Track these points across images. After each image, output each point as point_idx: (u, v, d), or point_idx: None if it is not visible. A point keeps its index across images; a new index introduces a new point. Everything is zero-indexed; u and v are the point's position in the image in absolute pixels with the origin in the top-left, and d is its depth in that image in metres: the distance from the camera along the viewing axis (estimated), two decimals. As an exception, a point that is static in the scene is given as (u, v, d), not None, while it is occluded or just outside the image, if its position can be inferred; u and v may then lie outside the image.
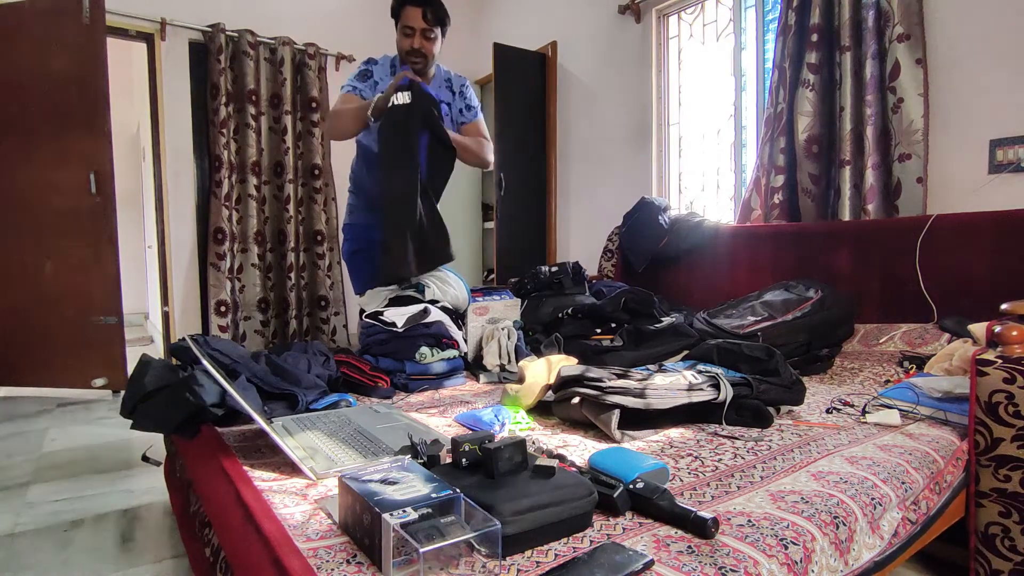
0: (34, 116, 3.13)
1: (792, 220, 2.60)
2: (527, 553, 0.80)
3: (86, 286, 3.17)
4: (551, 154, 4.18)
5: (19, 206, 3.17)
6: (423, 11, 2.09)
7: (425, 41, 2.11)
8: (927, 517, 1.13)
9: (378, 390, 1.70)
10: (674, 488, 1.00)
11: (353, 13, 4.25)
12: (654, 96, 3.46)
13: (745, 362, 1.54)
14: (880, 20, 2.28)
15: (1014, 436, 1.22)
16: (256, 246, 3.92)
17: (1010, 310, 1.36)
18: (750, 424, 1.34)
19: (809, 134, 2.50)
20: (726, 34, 3.17)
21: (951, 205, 2.14)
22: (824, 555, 0.87)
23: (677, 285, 2.91)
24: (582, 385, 1.34)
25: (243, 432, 1.33)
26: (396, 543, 0.73)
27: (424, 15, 2.09)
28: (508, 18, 4.56)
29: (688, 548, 0.80)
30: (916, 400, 1.43)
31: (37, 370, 3.23)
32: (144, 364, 1.39)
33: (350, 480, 0.84)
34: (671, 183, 3.49)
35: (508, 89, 4.00)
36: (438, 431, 1.34)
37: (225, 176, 3.78)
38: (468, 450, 0.93)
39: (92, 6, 3.06)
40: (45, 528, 1.68)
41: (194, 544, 1.20)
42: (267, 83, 3.94)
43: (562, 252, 4.16)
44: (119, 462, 2.20)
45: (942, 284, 2.01)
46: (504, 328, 1.99)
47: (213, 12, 3.78)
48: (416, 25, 2.09)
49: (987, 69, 2.09)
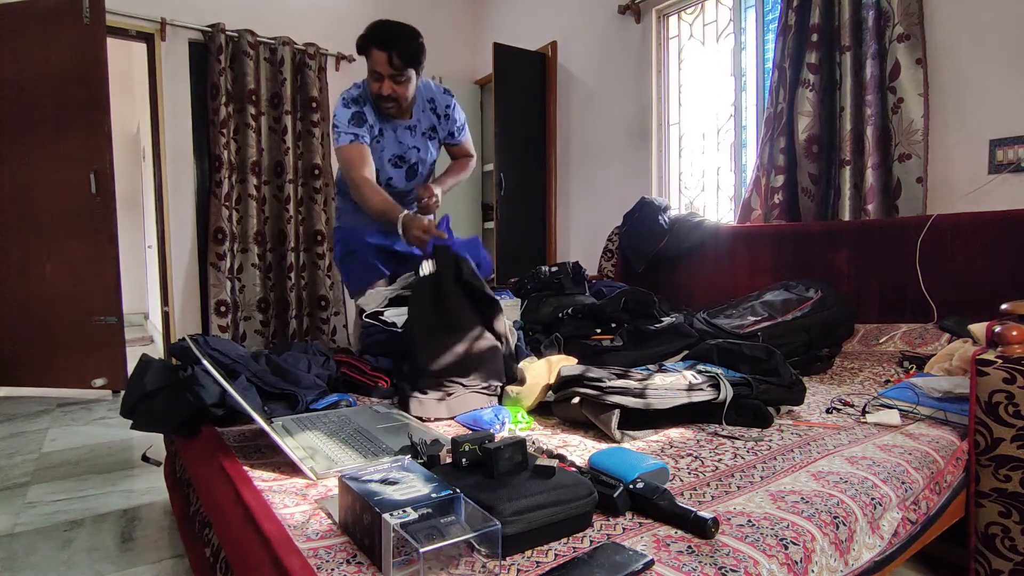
0: (34, 116, 3.13)
1: (792, 220, 2.60)
2: (527, 553, 0.80)
3: (86, 286, 3.17)
4: (551, 154, 4.18)
5: (19, 206, 3.17)
6: (388, 56, 1.86)
7: (396, 85, 1.92)
8: (927, 517, 1.13)
9: (378, 390, 1.69)
10: (674, 488, 1.00)
11: (353, 13, 4.25)
12: (654, 96, 3.46)
13: (745, 362, 1.54)
14: (880, 20, 2.28)
15: (1014, 436, 1.22)
16: (256, 246, 3.92)
17: (1010, 310, 1.36)
18: (750, 424, 1.34)
19: (809, 134, 2.50)
20: (726, 34, 3.17)
21: (951, 205, 2.14)
22: (824, 555, 0.87)
23: (677, 285, 2.91)
24: (582, 385, 1.34)
25: (243, 432, 1.33)
26: (396, 543, 0.73)
27: (390, 60, 1.87)
28: (508, 18, 4.56)
29: (688, 548, 0.80)
30: (916, 400, 1.42)
31: (37, 370, 3.23)
32: (144, 364, 1.39)
33: (350, 480, 0.84)
34: (671, 183, 3.49)
35: (508, 89, 4.00)
36: (438, 431, 1.34)
37: (225, 176, 3.78)
38: (468, 450, 0.93)
39: (92, 6, 3.06)
40: (45, 528, 1.68)
41: (194, 544, 1.20)
42: (267, 83, 3.94)
43: (562, 252, 4.16)
44: (119, 462, 2.20)
45: (942, 284, 2.01)
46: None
47: (213, 12, 3.78)
48: (384, 72, 1.89)
49: (987, 69, 2.09)
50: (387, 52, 1.86)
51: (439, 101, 2.14)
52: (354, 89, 2.06)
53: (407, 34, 1.92)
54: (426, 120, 2.15)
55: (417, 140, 2.16)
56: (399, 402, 1.53)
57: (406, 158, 2.17)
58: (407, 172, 2.21)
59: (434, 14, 4.64)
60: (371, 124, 2.04)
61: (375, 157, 2.10)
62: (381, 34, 1.90)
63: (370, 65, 1.92)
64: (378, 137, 2.09)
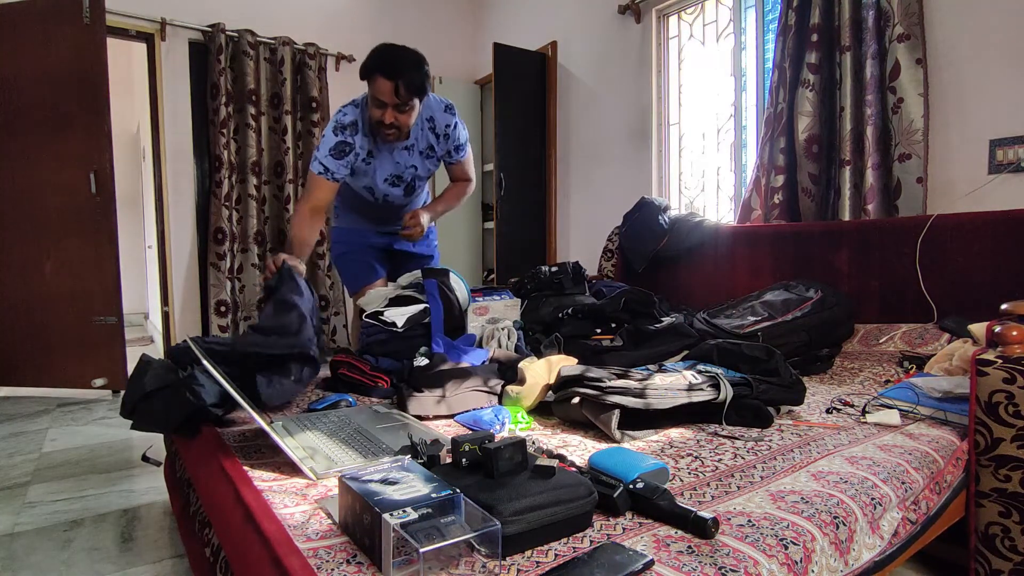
0: (34, 116, 3.13)
1: (792, 220, 2.60)
2: (527, 553, 0.80)
3: (86, 286, 3.17)
4: (551, 154, 4.18)
5: (19, 206, 3.17)
6: (395, 86, 1.79)
7: (399, 114, 1.87)
8: (927, 517, 1.13)
9: (378, 390, 1.70)
10: (674, 488, 1.00)
11: (353, 13, 4.25)
12: (654, 96, 3.46)
13: (745, 362, 1.54)
14: (880, 20, 2.28)
15: (1014, 436, 1.22)
16: (256, 246, 3.92)
17: (1010, 310, 1.36)
18: (750, 424, 1.34)
19: (809, 134, 2.50)
20: (726, 34, 3.17)
21: (951, 205, 2.14)
22: (824, 555, 0.87)
23: (677, 285, 2.91)
24: (582, 385, 1.34)
25: (243, 432, 1.33)
26: (396, 543, 0.73)
27: (396, 90, 1.80)
28: (508, 18, 4.56)
29: (688, 548, 0.80)
30: (916, 400, 1.42)
31: (37, 370, 3.23)
32: (144, 364, 1.39)
33: (350, 480, 0.84)
34: (671, 183, 3.49)
35: (508, 89, 4.00)
36: (438, 431, 1.34)
37: (225, 176, 3.78)
38: (468, 450, 0.93)
39: (92, 6, 3.06)
40: (45, 528, 1.68)
41: (194, 544, 1.20)
42: (267, 83, 3.94)
43: (562, 252, 4.16)
44: (119, 462, 2.21)
45: (942, 284, 2.01)
46: (504, 328, 1.99)
47: (213, 12, 3.78)
48: (388, 101, 1.83)
49: (987, 69, 2.09)
50: (393, 82, 1.79)
51: (439, 120, 2.05)
52: (351, 111, 1.96)
53: (413, 63, 1.84)
54: (424, 139, 2.07)
55: (414, 159, 2.09)
56: (398, 402, 1.53)
57: (403, 177, 2.12)
58: (405, 190, 2.17)
59: (434, 14, 4.64)
60: (357, 152, 1.97)
61: (369, 178, 2.06)
62: (387, 62, 1.81)
63: (372, 92, 1.85)
64: (368, 159, 2.02)
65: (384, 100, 1.83)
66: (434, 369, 1.55)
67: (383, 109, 1.85)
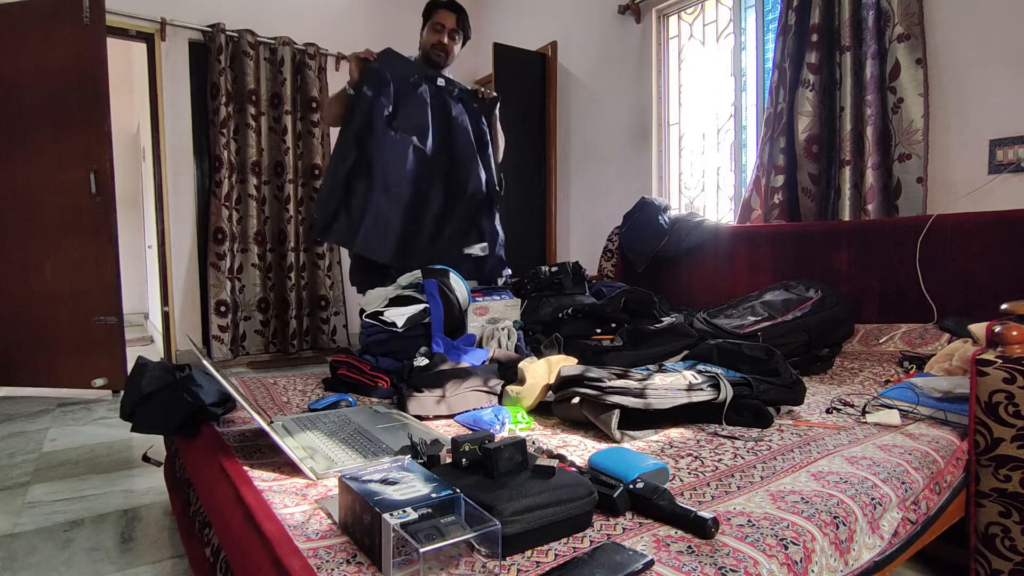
0: (34, 116, 3.13)
1: (792, 220, 2.60)
2: (527, 553, 0.80)
3: (86, 286, 3.17)
4: (551, 154, 4.18)
5: (19, 206, 3.17)
6: (457, 16, 2.36)
7: (450, 40, 2.34)
8: (927, 517, 1.13)
9: (378, 390, 1.70)
10: (674, 488, 1.00)
11: (353, 13, 4.25)
12: (654, 96, 3.46)
13: (745, 362, 1.54)
14: (880, 20, 2.28)
15: (1014, 436, 1.22)
16: (256, 246, 3.92)
17: (1010, 310, 1.36)
18: (750, 424, 1.34)
19: (809, 134, 2.50)
20: (726, 34, 3.17)
21: (951, 205, 2.14)
22: (824, 555, 0.87)
23: (677, 285, 2.91)
24: (582, 385, 1.34)
25: (243, 432, 1.33)
26: (396, 543, 0.73)
27: (457, 20, 2.36)
28: (508, 18, 4.56)
29: (688, 548, 0.80)
30: (916, 400, 1.42)
31: (37, 370, 3.23)
32: (140, 367, 1.39)
33: (350, 480, 0.84)
34: (671, 183, 3.49)
35: (508, 89, 3.99)
36: (438, 431, 1.34)
37: (225, 176, 3.78)
38: (468, 450, 0.93)
39: (92, 6, 3.06)
40: (45, 528, 1.68)
41: (194, 544, 1.20)
42: (267, 83, 3.94)
43: (562, 252, 4.16)
44: (119, 462, 2.20)
45: (942, 284, 2.01)
46: (504, 328, 1.99)
47: (213, 12, 3.78)
48: (447, 24, 2.33)
49: (987, 69, 2.09)
50: (456, 13, 2.36)
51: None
52: None
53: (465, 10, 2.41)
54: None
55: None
56: (398, 402, 1.53)
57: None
58: None
59: (434, 14, 4.64)
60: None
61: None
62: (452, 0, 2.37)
63: (434, 19, 2.35)
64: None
65: (444, 24, 2.35)
66: (434, 369, 1.55)
67: (440, 33, 2.35)
